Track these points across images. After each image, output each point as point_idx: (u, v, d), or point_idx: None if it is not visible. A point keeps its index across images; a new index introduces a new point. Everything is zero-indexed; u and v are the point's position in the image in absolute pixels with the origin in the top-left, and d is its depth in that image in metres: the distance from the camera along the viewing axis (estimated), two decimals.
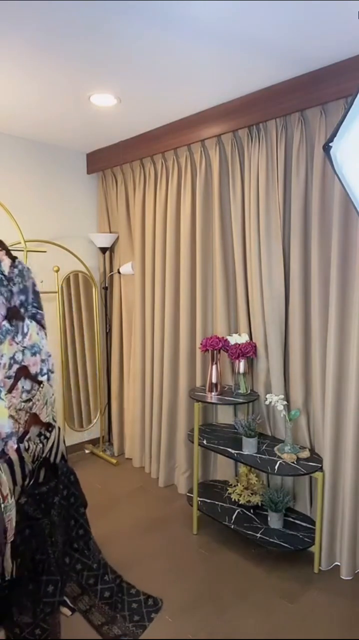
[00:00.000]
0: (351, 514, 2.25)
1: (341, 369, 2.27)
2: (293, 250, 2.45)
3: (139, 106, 2.66)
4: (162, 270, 3.19)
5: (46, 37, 1.87)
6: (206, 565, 2.39)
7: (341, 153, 1.39)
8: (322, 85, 2.18)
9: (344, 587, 2.23)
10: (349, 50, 2.00)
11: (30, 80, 2.30)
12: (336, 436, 2.29)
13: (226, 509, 2.64)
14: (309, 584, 2.25)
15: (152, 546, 2.55)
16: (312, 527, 2.42)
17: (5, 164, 3.23)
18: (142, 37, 1.87)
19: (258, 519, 2.53)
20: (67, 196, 3.61)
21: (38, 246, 3.41)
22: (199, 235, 2.90)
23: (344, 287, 2.23)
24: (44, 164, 3.44)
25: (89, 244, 3.79)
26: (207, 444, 2.58)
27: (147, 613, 2.07)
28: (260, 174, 2.51)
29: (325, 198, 2.29)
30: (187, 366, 3.06)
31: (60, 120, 2.89)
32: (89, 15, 1.71)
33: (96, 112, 2.75)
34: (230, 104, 2.59)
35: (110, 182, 3.64)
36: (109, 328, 3.83)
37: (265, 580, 2.27)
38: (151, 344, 3.35)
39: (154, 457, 3.33)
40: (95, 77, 2.26)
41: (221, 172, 2.77)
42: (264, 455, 2.41)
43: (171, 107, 2.69)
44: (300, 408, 2.50)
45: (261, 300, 2.60)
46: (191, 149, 2.96)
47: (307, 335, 2.49)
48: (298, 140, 2.35)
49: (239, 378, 2.66)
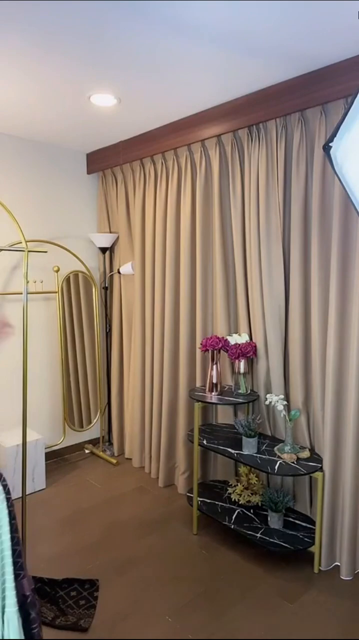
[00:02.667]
0: (351, 514, 2.25)
1: (341, 369, 2.27)
2: (293, 250, 2.45)
3: (139, 106, 2.66)
4: (162, 270, 3.19)
5: (46, 38, 1.87)
6: (206, 565, 2.39)
7: (341, 153, 1.40)
8: (322, 85, 2.18)
9: (344, 587, 2.23)
10: (349, 50, 2.00)
11: (31, 80, 2.30)
12: (336, 436, 2.29)
13: (226, 509, 2.64)
14: (309, 584, 2.25)
15: (152, 546, 2.55)
16: (312, 527, 2.42)
17: (5, 164, 3.24)
18: (142, 38, 1.87)
19: (258, 519, 2.53)
20: (67, 196, 3.61)
21: (38, 246, 3.42)
22: (199, 235, 2.90)
23: (344, 287, 2.23)
24: (44, 164, 3.44)
25: (89, 244, 3.79)
26: (207, 444, 2.58)
27: (89, 594, 2.15)
28: (260, 174, 2.51)
29: (325, 198, 2.29)
30: (187, 366, 3.06)
31: (60, 120, 2.89)
32: (89, 15, 1.71)
33: (96, 112, 2.75)
34: (230, 104, 2.59)
35: (110, 182, 3.64)
36: (109, 328, 3.83)
37: (265, 580, 2.27)
38: (151, 344, 3.35)
39: (154, 457, 3.33)
40: (95, 77, 2.26)
41: (221, 172, 2.77)
42: (264, 455, 2.41)
43: (171, 107, 2.69)
44: (300, 408, 2.50)
45: (261, 300, 2.60)
46: (191, 149, 2.96)
47: (307, 335, 2.49)
48: (298, 140, 2.35)
49: (239, 378, 2.66)
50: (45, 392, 3.56)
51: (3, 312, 3.28)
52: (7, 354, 3.31)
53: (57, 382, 3.60)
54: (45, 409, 3.56)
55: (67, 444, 3.73)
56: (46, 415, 3.57)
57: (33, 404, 3.47)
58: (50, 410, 3.59)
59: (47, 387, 3.57)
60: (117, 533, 2.67)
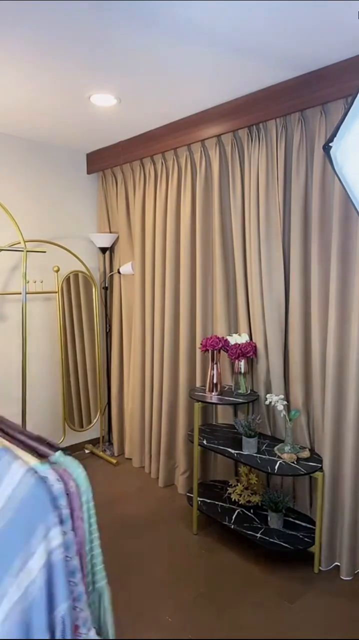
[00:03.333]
0: (351, 514, 2.25)
1: (341, 369, 2.27)
2: (293, 250, 2.45)
3: (139, 106, 2.66)
4: (162, 270, 3.19)
5: (46, 38, 1.87)
6: (206, 565, 2.39)
7: (341, 153, 1.40)
8: (322, 85, 2.18)
9: (344, 587, 2.23)
10: (349, 50, 2.00)
11: (31, 80, 2.30)
12: (336, 436, 2.29)
13: (226, 509, 2.64)
14: (309, 584, 2.25)
15: (152, 546, 2.55)
16: (312, 527, 2.42)
17: (5, 164, 3.23)
18: (142, 38, 1.87)
19: (258, 519, 2.53)
20: (67, 196, 3.61)
21: (38, 246, 3.41)
22: (199, 235, 2.90)
23: (344, 287, 2.23)
24: (44, 164, 3.44)
25: (89, 244, 3.79)
26: (207, 444, 2.58)
27: None
28: (260, 174, 2.51)
29: (325, 198, 2.29)
30: (187, 366, 3.06)
31: (60, 120, 2.89)
32: (89, 15, 1.71)
33: (96, 112, 2.75)
34: (230, 104, 2.59)
35: (110, 182, 3.64)
36: (109, 328, 3.83)
37: (265, 580, 2.27)
38: (151, 344, 3.35)
39: (154, 457, 3.33)
40: (95, 77, 2.26)
41: (221, 172, 2.77)
42: (264, 455, 2.41)
43: (171, 107, 2.69)
44: (300, 408, 2.50)
45: (261, 300, 2.60)
46: (191, 149, 2.96)
47: (307, 335, 2.49)
48: (298, 140, 2.35)
49: (239, 378, 2.66)
50: (45, 392, 3.56)
51: (3, 312, 3.28)
52: (7, 353, 3.31)
53: (57, 382, 3.60)
54: (45, 409, 3.56)
55: (67, 444, 3.73)
56: (46, 415, 3.57)
57: (33, 404, 3.47)
58: (50, 410, 3.59)
59: (47, 387, 3.57)
60: (117, 533, 2.67)
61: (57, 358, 3.59)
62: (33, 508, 0.65)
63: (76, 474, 0.78)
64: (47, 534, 0.67)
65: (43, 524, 0.65)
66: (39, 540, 0.65)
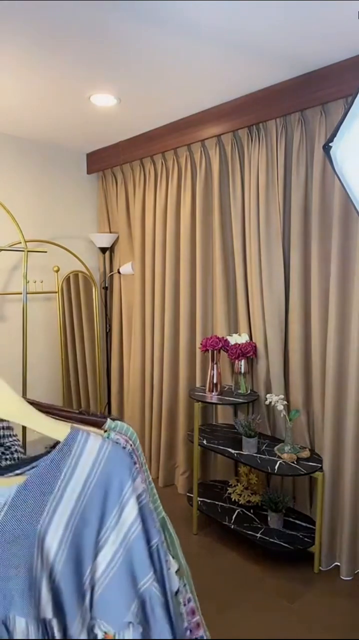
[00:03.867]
0: (351, 514, 2.25)
1: (341, 369, 2.27)
2: (293, 250, 2.45)
3: (139, 106, 2.66)
4: (162, 270, 3.19)
5: (46, 38, 1.87)
6: (205, 565, 2.39)
7: (341, 153, 1.39)
8: (322, 85, 2.18)
9: (344, 587, 2.23)
10: (349, 50, 2.00)
11: (31, 80, 2.30)
12: (336, 436, 2.29)
13: (226, 509, 2.64)
14: (309, 584, 2.25)
15: None
16: (312, 527, 2.42)
17: (5, 164, 3.23)
18: (142, 38, 1.87)
19: (258, 519, 2.53)
20: (67, 196, 3.61)
21: (38, 246, 3.41)
22: (199, 235, 2.90)
23: (344, 287, 2.23)
24: (44, 164, 3.44)
25: (89, 244, 3.79)
26: (207, 444, 2.58)
27: None
28: (260, 174, 2.51)
29: (325, 198, 2.29)
30: (187, 366, 3.06)
31: (60, 120, 2.89)
32: (89, 15, 1.71)
33: (96, 112, 2.75)
34: (230, 104, 2.59)
35: (110, 182, 3.64)
36: (109, 328, 3.83)
37: (265, 580, 2.27)
38: (150, 344, 3.35)
39: (154, 457, 3.33)
40: (95, 77, 2.26)
41: (221, 172, 2.77)
42: (264, 455, 2.41)
43: (171, 107, 2.69)
44: (300, 408, 2.50)
45: (261, 300, 2.60)
46: (191, 149, 2.96)
47: (307, 335, 2.49)
48: (298, 140, 2.35)
49: (239, 378, 2.66)
50: (46, 392, 3.56)
51: (3, 312, 3.28)
52: (7, 353, 3.31)
53: (57, 382, 3.60)
54: None
55: None
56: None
57: None
58: None
59: (47, 387, 3.57)
60: None
61: (57, 358, 3.59)
62: (120, 466, 0.83)
63: (130, 433, 0.95)
64: (134, 485, 0.83)
65: (130, 477, 0.83)
66: (130, 492, 0.83)
